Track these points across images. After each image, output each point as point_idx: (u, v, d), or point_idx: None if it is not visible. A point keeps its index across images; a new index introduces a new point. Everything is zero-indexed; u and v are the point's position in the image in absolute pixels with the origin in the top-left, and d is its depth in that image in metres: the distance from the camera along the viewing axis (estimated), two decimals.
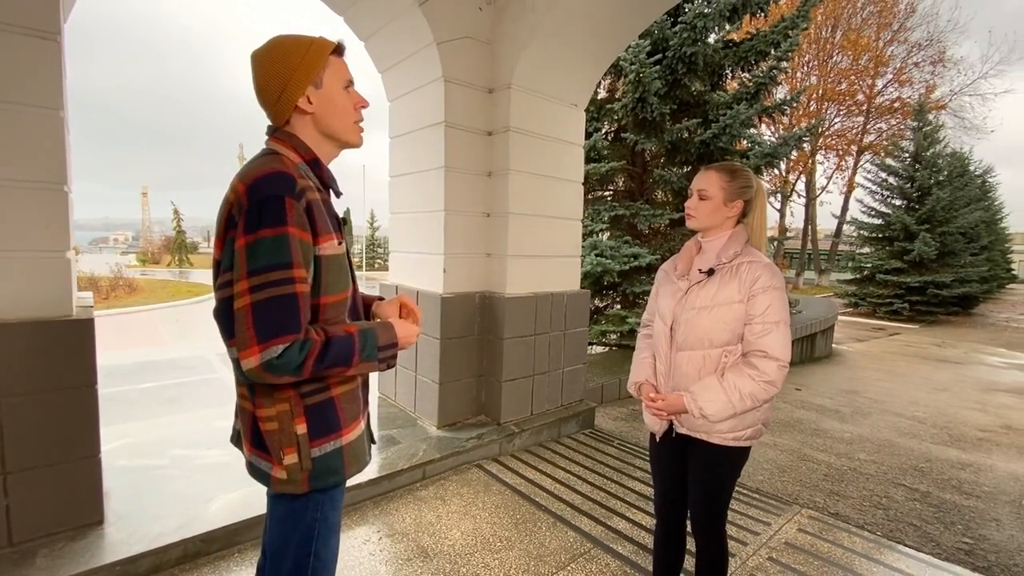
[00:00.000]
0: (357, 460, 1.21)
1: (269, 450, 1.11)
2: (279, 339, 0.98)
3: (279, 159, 1.08)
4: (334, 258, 1.11)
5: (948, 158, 17.48)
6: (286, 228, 0.99)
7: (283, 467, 1.10)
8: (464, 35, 3.29)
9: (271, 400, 1.09)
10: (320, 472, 1.13)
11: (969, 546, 2.80)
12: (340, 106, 1.16)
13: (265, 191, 1.00)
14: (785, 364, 1.48)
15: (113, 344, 9.17)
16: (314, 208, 1.06)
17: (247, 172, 1.05)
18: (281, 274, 0.99)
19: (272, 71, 1.10)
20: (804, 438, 4.45)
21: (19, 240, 1.93)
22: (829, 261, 26.34)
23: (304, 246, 1.03)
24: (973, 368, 8.56)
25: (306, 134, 1.15)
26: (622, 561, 2.26)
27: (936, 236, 15.06)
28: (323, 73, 1.13)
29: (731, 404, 1.47)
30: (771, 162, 7.18)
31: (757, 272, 1.51)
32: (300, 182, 1.04)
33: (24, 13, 1.87)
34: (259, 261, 0.98)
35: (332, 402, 1.14)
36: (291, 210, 1.00)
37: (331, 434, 1.14)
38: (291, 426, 1.09)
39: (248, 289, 0.98)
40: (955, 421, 5.30)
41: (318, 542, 1.18)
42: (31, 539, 2.02)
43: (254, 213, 0.99)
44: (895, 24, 22.54)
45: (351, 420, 1.18)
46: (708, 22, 6.40)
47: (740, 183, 1.57)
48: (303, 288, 1.02)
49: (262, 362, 0.97)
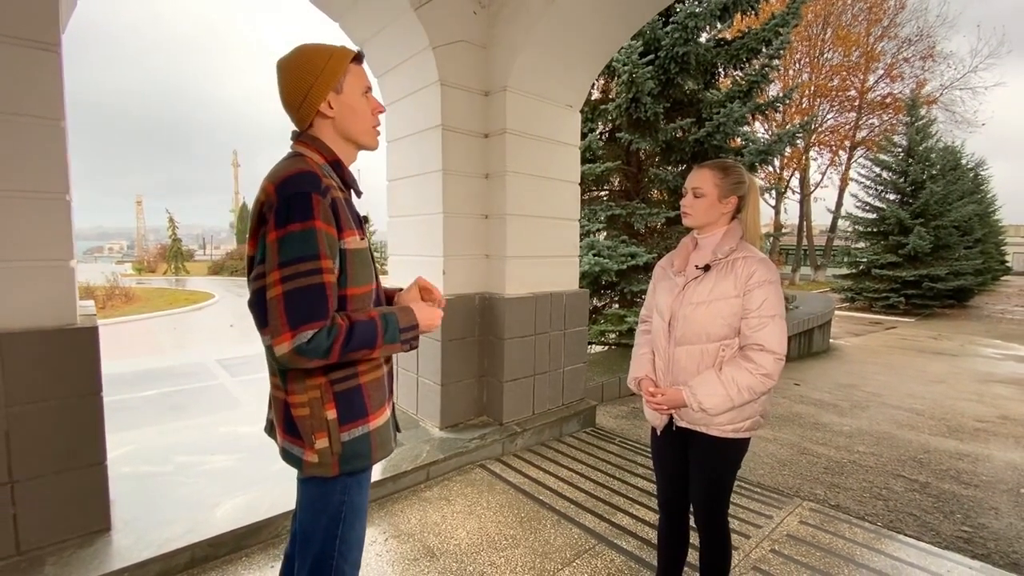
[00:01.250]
0: (383, 445, 1.27)
1: (301, 435, 1.18)
2: (309, 325, 1.04)
3: (304, 160, 1.15)
4: (358, 252, 1.18)
5: (941, 152, 17.59)
6: (314, 222, 1.06)
7: (315, 451, 1.17)
8: (459, 39, 3.32)
9: (302, 387, 1.16)
10: (349, 456, 1.19)
11: (968, 534, 2.83)
12: (359, 111, 1.23)
13: (293, 188, 1.07)
14: (781, 357, 1.51)
15: (112, 353, 9.15)
16: (338, 205, 1.13)
17: (275, 173, 1.12)
18: (310, 265, 1.05)
19: (296, 77, 1.17)
20: (804, 432, 4.49)
21: (23, 250, 1.95)
22: (825, 256, 26.46)
23: (330, 239, 1.10)
24: (969, 360, 8.62)
25: (327, 137, 1.22)
26: (626, 556, 2.29)
27: (930, 230, 15.16)
28: (344, 80, 1.20)
29: (729, 397, 1.50)
30: (765, 159, 7.23)
31: (752, 267, 1.54)
32: (324, 180, 1.11)
33: (24, 25, 1.89)
34: (289, 253, 1.05)
35: (360, 389, 1.21)
36: (317, 205, 1.07)
37: (359, 419, 1.20)
38: (322, 411, 1.16)
39: (280, 279, 1.04)
40: (952, 412, 5.34)
41: (344, 525, 1.24)
42: (39, 547, 2.03)
43: (283, 209, 1.06)
44: (885, 20, 22.69)
45: (378, 407, 1.25)
46: (699, 21, 6.45)
47: (733, 179, 1.60)
48: (330, 278, 1.08)
49: (294, 347, 1.03)
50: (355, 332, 1.10)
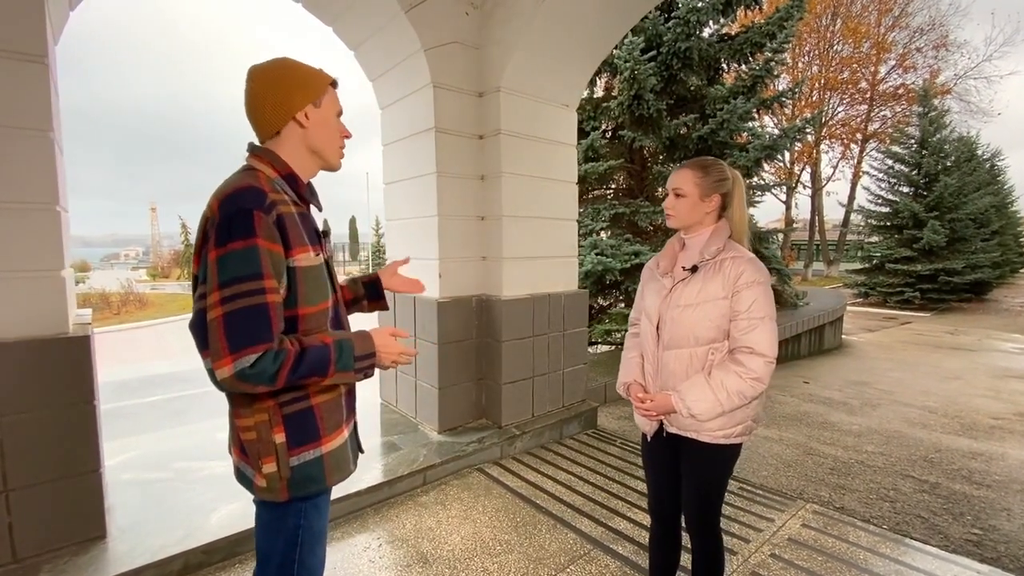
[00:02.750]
0: (340, 468, 1.22)
1: (250, 458, 1.15)
2: (251, 349, 1.00)
3: (253, 174, 1.11)
4: (310, 269, 1.14)
5: (955, 143, 17.22)
6: (255, 240, 1.02)
7: (263, 475, 1.13)
8: (451, 40, 3.30)
9: (250, 410, 1.12)
10: (299, 480, 1.15)
11: (978, 537, 2.75)
12: (332, 128, 1.23)
13: (235, 205, 1.03)
14: (772, 360, 1.46)
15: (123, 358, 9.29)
16: (286, 220, 1.08)
17: (221, 188, 1.09)
18: (251, 285, 1.01)
19: (276, 82, 1.16)
20: (811, 431, 4.41)
21: (13, 261, 1.96)
22: (837, 251, 26.05)
23: (274, 257, 1.05)
24: (987, 355, 8.42)
25: (291, 147, 1.20)
26: (622, 562, 2.25)
27: (945, 223, 14.86)
28: (323, 97, 1.21)
29: (719, 402, 1.46)
30: (771, 154, 7.13)
31: (741, 267, 1.49)
32: (271, 196, 1.07)
33: (9, 36, 1.90)
34: (230, 273, 1.01)
35: (312, 411, 1.16)
36: (260, 222, 1.03)
37: (311, 443, 1.16)
38: (269, 435, 1.12)
39: (220, 300, 1.00)
40: (967, 410, 5.22)
41: (303, 550, 1.20)
42: (35, 555, 2.04)
43: (224, 227, 1.02)
44: (896, 9, 22.29)
45: (332, 429, 1.20)
46: (701, 16, 6.38)
47: (714, 177, 1.56)
48: (274, 298, 1.04)
49: (235, 372, 0.99)
50: (305, 358, 1.05)
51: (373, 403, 4.07)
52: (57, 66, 2.29)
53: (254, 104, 1.17)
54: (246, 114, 1.20)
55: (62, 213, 2.10)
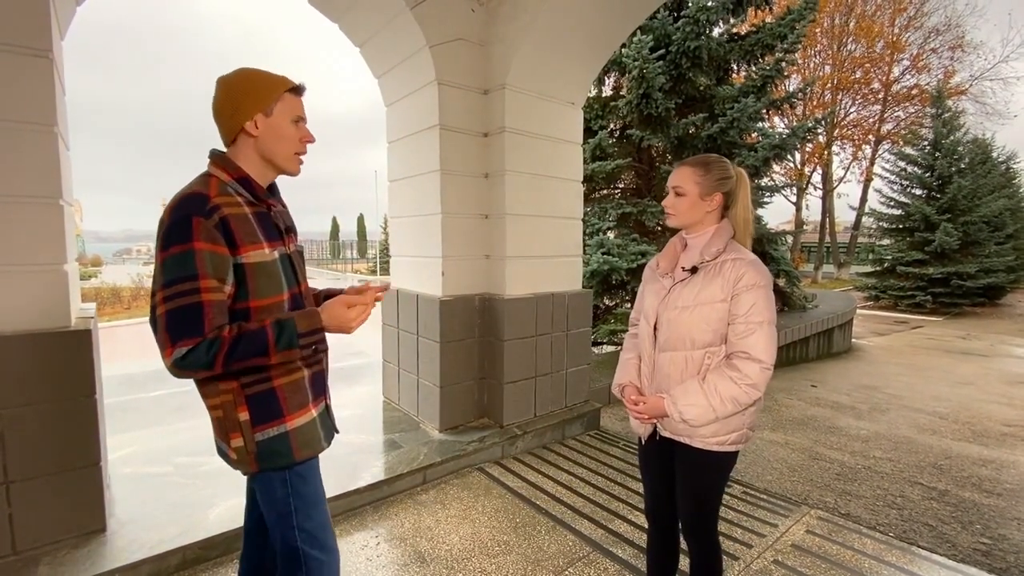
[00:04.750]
0: (308, 444, 1.33)
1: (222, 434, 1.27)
2: (184, 341, 1.11)
3: (205, 180, 1.22)
4: (262, 265, 1.23)
5: (969, 145, 16.92)
6: (192, 244, 1.12)
7: (232, 449, 1.26)
8: (457, 37, 3.28)
9: (215, 392, 1.24)
10: (266, 453, 1.26)
11: (987, 547, 2.69)
12: (285, 136, 1.29)
13: (178, 212, 1.14)
14: (769, 366, 1.42)
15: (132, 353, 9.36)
16: (232, 221, 1.18)
17: (174, 196, 1.20)
18: (187, 285, 1.12)
19: (230, 93, 1.25)
20: (817, 436, 4.35)
21: (16, 254, 1.97)
22: (848, 254, 25.76)
23: (215, 258, 1.15)
24: (1000, 360, 8.28)
25: (246, 154, 1.28)
26: (621, 565, 2.23)
27: (958, 226, 14.60)
28: (275, 105, 1.26)
29: (711, 408, 1.42)
30: (779, 154, 7.05)
31: (742, 270, 1.45)
32: (216, 200, 1.17)
33: (13, 31, 1.91)
34: (170, 274, 1.12)
35: (273, 392, 1.27)
36: (198, 227, 1.13)
37: (274, 420, 1.27)
38: (234, 414, 1.24)
39: (163, 299, 1.13)
40: (979, 416, 5.12)
41: (298, 516, 1.32)
42: (34, 547, 2.05)
43: (166, 232, 1.14)
44: (911, 9, 21.97)
45: (297, 408, 1.31)
46: (711, 16, 6.33)
47: (716, 175, 1.51)
48: (210, 296, 1.14)
49: (172, 361, 1.12)
50: (240, 343, 1.14)
51: (375, 400, 4.07)
52: (64, 61, 2.30)
53: (214, 113, 1.28)
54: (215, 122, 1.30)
55: (65, 207, 2.10)
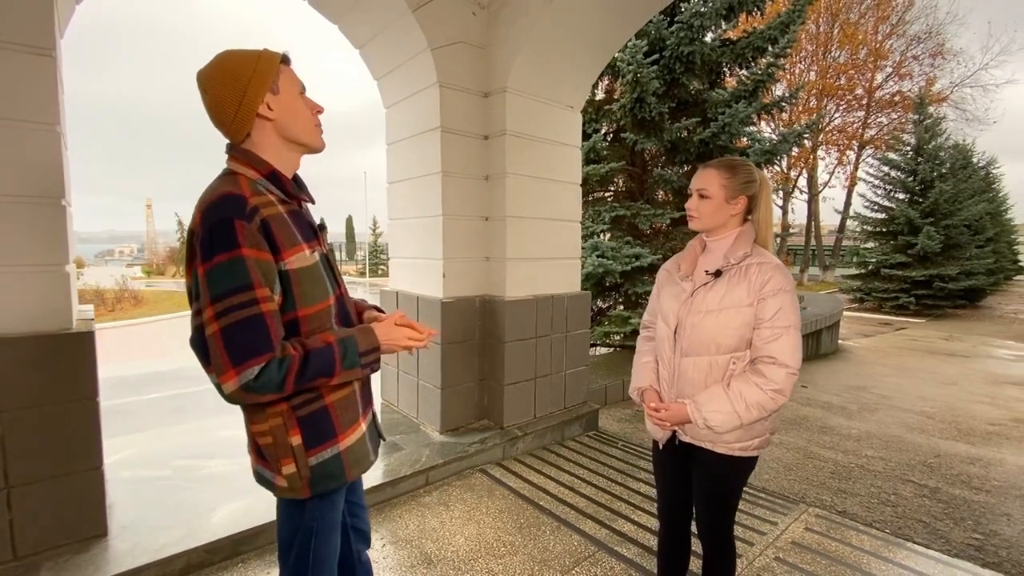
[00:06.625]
0: (359, 463, 1.25)
1: (269, 461, 1.16)
2: (253, 361, 0.99)
3: (233, 179, 1.08)
4: (305, 270, 1.11)
5: (950, 150, 17.35)
6: (240, 251, 1.00)
7: (283, 476, 1.15)
8: (458, 40, 3.30)
9: (263, 416, 1.13)
10: (319, 478, 1.17)
11: (979, 542, 2.77)
12: (299, 110, 1.17)
13: (215, 216, 1.01)
14: (795, 371, 1.42)
15: (121, 356, 9.22)
16: (272, 224, 1.06)
17: (202, 199, 1.06)
18: (243, 296, 1.00)
19: (227, 84, 1.09)
20: (811, 436, 4.42)
21: (17, 255, 1.94)
22: (833, 257, 26.20)
23: (262, 265, 1.03)
24: (982, 361, 8.48)
25: (268, 143, 1.15)
26: (627, 564, 2.25)
27: (940, 229, 14.95)
28: (278, 80, 1.13)
29: (737, 415, 1.41)
30: (770, 159, 7.16)
31: (768, 274, 1.44)
32: (252, 200, 1.05)
33: (18, 30, 1.88)
34: (220, 287, 0.99)
35: (326, 410, 1.17)
36: (242, 231, 1.01)
37: (327, 442, 1.17)
38: (286, 439, 1.13)
39: (214, 316, 0.99)
40: (964, 415, 5.25)
41: (317, 539, 1.24)
42: (35, 552, 2.02)
43: (207, 240, 1.00)
44: (893, 17, 22.46)
45: (348, 425, 1.21)
46: (705, 21, 6.40)
47: (742, 179, 1.50)
48: (269, 306, 1.03)
49: (240, 385, 0.99)
50: (310, 362, 1.05)
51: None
52: (62, 59, 2.27)
53: (215, 112, 1.12)
54: (214, 125, 1.14)
55: (67, 208, 2.08)
